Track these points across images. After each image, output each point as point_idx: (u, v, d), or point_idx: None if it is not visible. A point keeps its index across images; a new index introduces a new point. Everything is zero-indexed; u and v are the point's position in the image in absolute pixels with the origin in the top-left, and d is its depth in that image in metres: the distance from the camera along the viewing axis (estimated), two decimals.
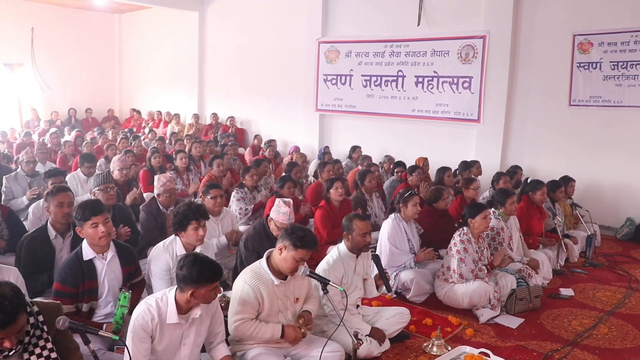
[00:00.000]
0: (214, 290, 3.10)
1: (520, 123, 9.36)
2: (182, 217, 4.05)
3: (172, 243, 4.21)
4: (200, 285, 3.03)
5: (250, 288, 3.51)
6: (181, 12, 14.51)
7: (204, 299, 3.10)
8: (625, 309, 5.36)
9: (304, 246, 3.49)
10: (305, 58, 12.01)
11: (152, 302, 3.12)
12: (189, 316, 3.18)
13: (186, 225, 4.04)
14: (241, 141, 13.23)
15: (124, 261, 3.83)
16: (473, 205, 5.26)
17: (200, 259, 3.10)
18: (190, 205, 4.14)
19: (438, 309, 5.09)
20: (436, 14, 10.05)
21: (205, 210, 4.18)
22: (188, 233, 4.05)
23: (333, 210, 6.18)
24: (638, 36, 8.15)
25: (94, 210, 3.65)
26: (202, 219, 4.09)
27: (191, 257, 3.10)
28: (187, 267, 3.04)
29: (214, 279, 3.07)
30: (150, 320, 3.07)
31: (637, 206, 8.27)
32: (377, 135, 11.12)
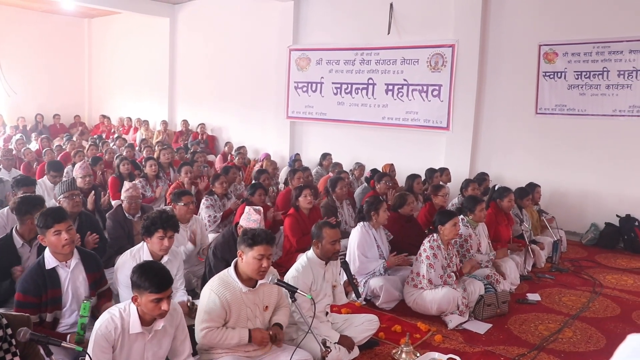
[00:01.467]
0: (157, 302, 2.99)
1: (489, 131, 9.50)
2: (150, 223, 4.01)
3: (140, 250, 4.15)
4: (142, 291, 2.98)
5: (217, 296, 3.47)
6: (152, 18, 14.40)
7: (146, 307, 3.02)
8: (589, 313, 5.46)
9: (257, 242, 3.47)
10: (276, 65, 12.02)
11: (115, 312, 3.07)
12: (152, 327, 3.13)
13: (152, 232, 3.99)
14: (212, 148, 13.16)
15: (89, 268, 3.75)
16: (443, 212, 5.32)
17: (151, 266, 3.07)
18: (162, 213, 4.09)
19: (407, 316, 5.11)
20: (406, 23, 10.16)
21: (175, 223, 4.11)
22: (153, 240, 4.01)
23: (302, 218, 6.17)
24: (600, 47, 8.36)
25: (56, 218, 3.57)
26: (169, 229, 4.03)
27: (143, 263, 3.09)
28: (134, 271, 3.04)
29: (155, 288, 2.96)
30: (113, 329, 3.01)
31: (601, 212, 8.44)
32: (348, 143, 11.17)
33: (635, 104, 8.18)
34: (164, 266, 3.17)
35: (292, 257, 5.69)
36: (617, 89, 8.32)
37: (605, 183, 8.48)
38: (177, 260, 4.41)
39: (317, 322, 4.01)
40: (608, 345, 4.71)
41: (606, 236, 8.22)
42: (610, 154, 8.40)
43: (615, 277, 6.73)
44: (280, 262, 6.17)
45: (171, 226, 4.05)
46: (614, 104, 8.35)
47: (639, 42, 8.05)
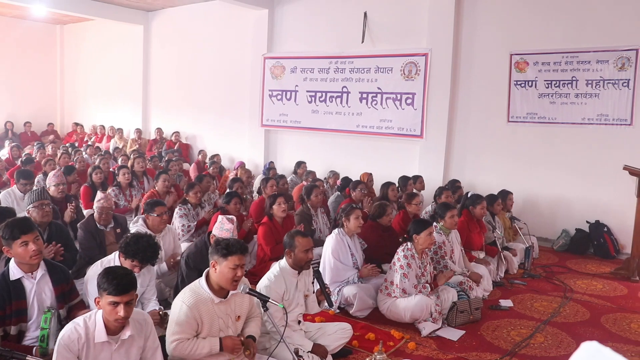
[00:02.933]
0: (114, 305, 2.94)
1: (462, 138, 9.61)
2: (132, 250, 3.94)
3: (111, 261, 4.09)
4: (102, 293, 2.95)
5: (189, 308, 3.42)
6: (126, 25, 14.29)
7: (105, 311, 2.97)
8: (560, 318, 5.53)
9: (232, 252, 3.44)
10: (250, 73, 12.02)
11: (79, 321, 3.00)
12: (118, 337, 3.06)
13: (129, 258, 3.95)
14: (186, 156, 13.07)
15: (56, 280, 3.66)
16: (418, 222, 5.34)
17: (116, 270, 3.03)
18: (145, 248, 3.97)
19: (381, 324, 5.12)
20: (380, 32, 10.25)
21: (153, 255, 4.04)
22: (127, 262, 3.96)
23: (276, 227, 6.16)
24: (568, 57, 8.54)
25: (23, 228, 3.49)
26: (145, 262, 4.00)
27: (111, 266, 3.08)
28: (100, 273, 3.01)
29: (114, 290, 2.90)
30: (76, 339, 2.94)
31: (572, 218, 8.58)
32: (322, 151, 11.19)
33: (602, 113, 8.36)
34: (129, 273, 3.10)
35: (266, 266, 5.66)
36: (586, 97, 8.49)
37: (575, 190, 8.63)
38: (149, 272, 4.37)
39: (290, 331, 4.00)
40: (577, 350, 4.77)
41: (577, 242, 8.35)
42: (580, 161, 8.56)
43: (585, 282, 6.84)
44: (254, 270, 6.15)
45: (148, 259, 4.01)
46: (583, 112, 8.52)
47: (605, 52, 8.25)
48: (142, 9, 14.02)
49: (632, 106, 8.14)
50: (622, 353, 4.00)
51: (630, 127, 8.18)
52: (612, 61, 8.25)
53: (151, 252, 3.99)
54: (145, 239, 4.01)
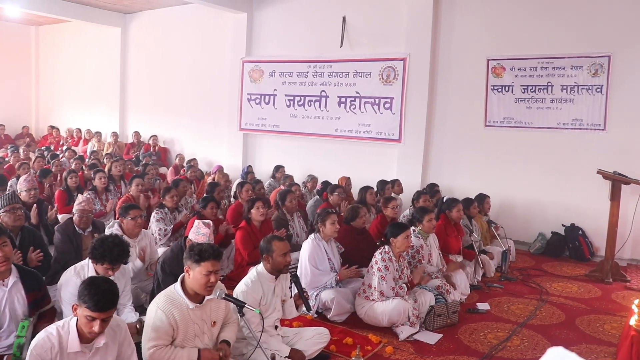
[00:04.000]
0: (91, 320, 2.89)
1: (440, 143, 9.67)
2: (100, 254, 3.89)
3: (85, 267, 4.03)
4: (81, 304, 2.90)
5: (164, 314, 3.39)
6: (103, 28, 14.14)
7: (80, 320, 2.93)
8: (536, 320, 5.59)
9: (205, 258, 3.42)
10: (229, 77, 11.97)
11: (52, 330, 2.94)
12: (92, 345, 3.01)
13: (99, 262, 3.90)
14: (164, 160, 12.96)
15: (29, 287, 3.59)
16: (395, 225, 5.36)
17: (99, 284, 2.97)
18: (114, 247, 3.93)
19: (358, 328, 5.11)
20: (359, 36, 10.28)
21: (123, 255, 3.99)
22: (99, 267, 3.91)
23: (254, 231, 6.14)
24: (544, 63, 8.66)
25: None
26: (116, 263, 3.95)
27: (97, 277, 3.03)
28: (84, 280, 2.97)
29: (93, 306, 2.86)
30: (49, 348, 2.89)
31: (548, 221, 8.67)
32: (301, 155, 11.19)
33: (577, 118, 8.48)
34: (113, 289, 3.03)
35: (243, 271, 5.63)
36: (561, 102, 8.60)
37: (552, 193, 8.73)
38: (124, 277, 4.32)
39: (267, 337, 3.97)
40: None
41: (553, 245, 8.45)
42: (556, 165, 8.66)
43: (561, 284, 6.91)
44: (232, 275, 6.13)
45: (119, 260, 3.96)
46: (558, 117, 8.63)
47: (579, 58, 8.38)
48: (119, 11, 13.89)
49: (605, 111, 8.27)
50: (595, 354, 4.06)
51: (604, 132, 8.31)
52: (585, 67, 8.38)
53: (119, 251, 3.93)
54: (110, 239, 3.97)
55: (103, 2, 12.88)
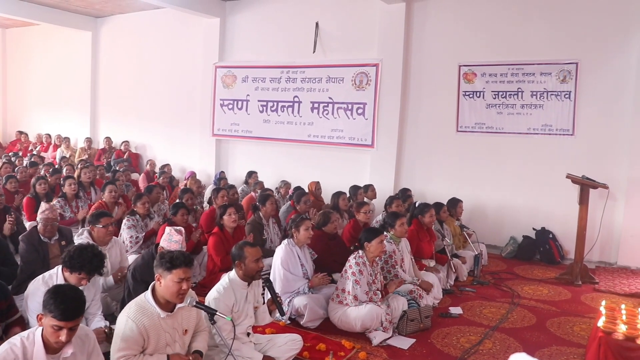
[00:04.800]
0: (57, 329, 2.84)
1: (412, 148, 9.74)
2: (77, 263, 3.84)
3: (53, 276, 3.96)
4: (46, 313, 2.84)
5: (134, 323, 3.33)
6: (73, 31, 13.95)
7: (46, 331, 2.87)
8: (508, 324, 5.64)
9: (176, 266, 3.38)
10: (201, 82, 11.92)
11: (16, 341, 2.87)
12: (59, 356, 2.95)
13: (75, 271, 3.83)
14: (136, 166, 12.82)
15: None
16: (370, 230, 5.37)
17: (65, 292, 2.91)
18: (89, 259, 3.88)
19: (332, 334, 5.09)
20: (331, 42, 10.32)
21: (100, 265, 3.95)
22: (73, 276, 3.84)
23: (226, 237, 6.09)
24: (514, 69, 8.80)
25: None
26: (93, 274, 3.90)
27: (62, 286, 2.97)
28: (48, 290, 2.91)
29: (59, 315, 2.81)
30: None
31: (519, 225, 8.79)
32: (274, 161, 11.17)
33: (546, 123, 8.63)
34: (80, 297, 2.98)
35: (216, 277, 5.58)
36: (531, 108, 8.74)
37: (522, 197, 8.86)
38: (94, 287, 4.25)
39: (239, 344, 3.94)
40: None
41: (524, 249, 8.55)
42: (526, 170, 8.79)
43: (532, 287, 7.00)
44: (204, 282, 6.07)
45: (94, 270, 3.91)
46: (528, 122, 8.76)
47: (548, 65, 8.54)
48: (90, 15, 13.73)
49: (574, 117, 8.43)
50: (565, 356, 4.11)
51: (572, 137, 8.46)
52: (554, 74, 8.53)
53: (97, 262, 3.90)
54: (89, 250, 3.91)
55: (73, 5, 12.70)
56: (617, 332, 4.05)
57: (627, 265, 8.04)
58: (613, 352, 3.93)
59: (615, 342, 3.97)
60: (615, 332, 4.05)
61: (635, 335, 3.96)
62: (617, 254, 8.18)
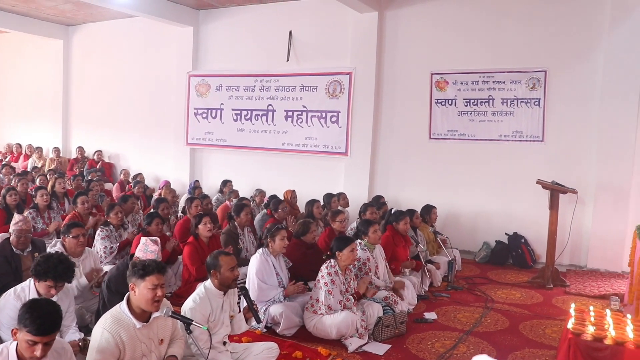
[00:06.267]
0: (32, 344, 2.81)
1: (386, 155, 9.83)
2: (42, 270, 3.81)
3: (25, 289, 3.92)
4: (21, 328, 2.83)
5: (110, 335, 3.32)
6: (44, 40, 13.75)
7: (20, 345, 2.85)
8: (481, 328, 5.72)
9: (149, 273, 3.40)
10: (175, 91, 11.87)
11: None
12: None
13: (42, 279, 3.80)
14: (109, 176, 12.69)
15: None
16: (341, 239, 5.41)
17: (41, 306, 2.90)
18: (57, 263, 3.85)
19: (308, 341, 5.11)
20: (305, 51, 10.38)
21: (69, 274, 3.92)
22: (41, 284, 3.81)
23: (202, 246, 6.09)
24: (485, 77, 8.96)
25: None
26: (60, 280, 3.86)
27: (37, 300, 2.94)
28: (24, 304, 2.90)
29: (34, 330, 2.79)
30: None
31: (492, 231, 8.91)
32: (248, 169, 11.18)
33: (517, 130, 8.80)
34: (56, 311, 2.96)
35: (191, 287, 5.56)
36: (502, 115, 8.90)
37: (495, 203, 8.99)
38: (67, 298, 4.21)
39: (215, 353, 3.94)
40: (498, 357, 4.94)
41: (497, 253, 8.66)
42: (498, 176, 8.94)
43: (505, 291, 7.10)
44: (180, 292, 6.05)
45: (62, 277, 3.88)
46: (499, 129, 8.92)
47: (517, 73, 8.72)
48: (62, 23, 13.58)
49: (543, 124, 8.61)
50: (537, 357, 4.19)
51: (542, 144, 8.63)
52: (524, 81, 8.70)
53: (63, 268, 3.86)
54: (55, 257, 3.89)
55: (44, 13, 12.55)
56: (585, 333, 4.14)
57: (597, 267, 8.20)
58: (582, 353, 4.02)
59: (584, 342, 4.06)
60: (584, 333, 4.14)
61: (602, 336, 4.06)
62: (586, 257, 8.35)
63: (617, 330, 4.14)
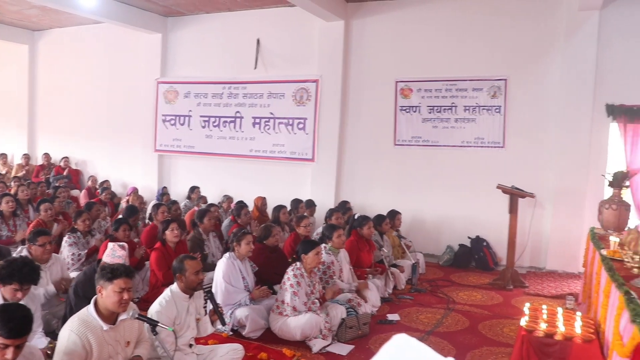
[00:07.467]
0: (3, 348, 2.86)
1: (352, 161, 10.00)
2: (7, 273, 3.83)
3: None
4: None
5: (78, 336, 3.39)
6: (8, 45, 13.57)
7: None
8: (442, 328, 5.90)
9: (117, 276, 3.48)
10: (143, 98, 11.86)
11: None
12: None
13: (7, 282, 3.84)
14: (76, 183, 12.58)
15: None
16: (306, 242, 5.56)
17: (12, 310, 2.95)
18: (23, 265, 3.88)
19: (273, 343, 5.22)
20: (272, 58, 10.51)
21: (34, 276, 3.95)
22: (6, 289, 3.85)
23: (169, 252, 6.15)
24: (448, 85, 9.19)
25: None
26: (25, 283, 3.88)
27: (7, 305, 2.98)
28: None
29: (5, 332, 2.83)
30: None
31: (455, 234, 9.13)
32: (216, 175, 11.23)
33: (479, 136, 9.04)
34: (27, 314, 3.00)
35: (158, 292, 5.57)
36: (464, 122, 9.14)
37: (458, 208, 9.20)
38: (34, 303, 4.24)
39: (182, 355, 4.04)
40: (457, 355, 5.13)
41: (460, 256, 8.88)
42: (461, 181, 9.16)
43: (466, 293, 7.31)
44: (147, 297, 6.08)
45: (27, 279, 3.90)
46: (462, 135, 9.16)
47: (479, 81, 8.98)
48: (27, 28, 13.43)
49: (504, 130, 8.87)
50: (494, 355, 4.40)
51: (503, 149, 8.90)
52: (485, 89, 8.96)
53: (28, 270, 3.89)
54: (19, 259, 3.95)
55: (8, 17, 12.41)
56: (538, 330, 4.35)
57: (555, 269, 8.47)
58: (534, 348, 4.22)
59: (536, 339, 4.26)
60: (537, 330, 4.35)
61: (553, 332, 4.27)
62: (545, 259, 8.61)
63: (566, 327, 4.36)
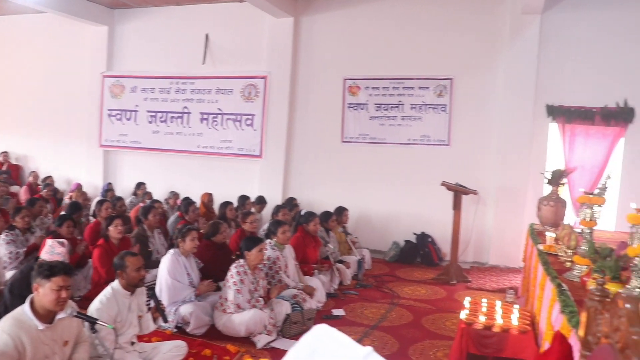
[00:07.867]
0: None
1: (300, 158, 10.06)
2: None
3: None
4: None
5: (10, 337, 3.27)
6: None
7: None
8: (387, 322, 6.00)
9: (55, 273, 3.39)
10: (88, 92, 11.58)
11: None
12: None
13: None
14: (16, 178, 12.18)
15: None
16: (249, 239, 5.55)
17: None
18: None
19: (217, 339, 5.21)
20: (221, 54, 10.44)
21: None
22: None
23: (112, 248, 6.04)
24: (395, 83, 9.36)
25: None
26: None
27: None
28: None
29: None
30: None
31: (401, 231, 9.30)
32: (163, 171, 11.09)
33: (425, 134, 9.24)
34: None
35: (101, 289, 5.45)
36: (411, 120, 9.31)
37: (404, 204, 9.38)
38: None
39: (123, 353, 3.99)
40: (400, 349, 5.24)
41: (406, 252, 9.04)
42: (407, 178, 9.34)
43: (411, 288, 7.45)
44: (89, 295, 5.96)
45: None
46: (409, 133, 9.33)
47: (426, 80, 9.18)
48: None
49: (449, 129, 9.09)
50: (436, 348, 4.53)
51: (448, 147, 9.11)
52: (432, 88, 9.16)
53: None
54: None
55: None
56: (477, 322, 4.49)
57: (497, 264, 8.76)
58: (473, 340, 4.36)
59: (474, 331, 4.40)
60: (476, 322, 4.49)
61: (491, 325, 4.42)
62: (488, 255, 8.89)
63: (504, 319, 4.53)
